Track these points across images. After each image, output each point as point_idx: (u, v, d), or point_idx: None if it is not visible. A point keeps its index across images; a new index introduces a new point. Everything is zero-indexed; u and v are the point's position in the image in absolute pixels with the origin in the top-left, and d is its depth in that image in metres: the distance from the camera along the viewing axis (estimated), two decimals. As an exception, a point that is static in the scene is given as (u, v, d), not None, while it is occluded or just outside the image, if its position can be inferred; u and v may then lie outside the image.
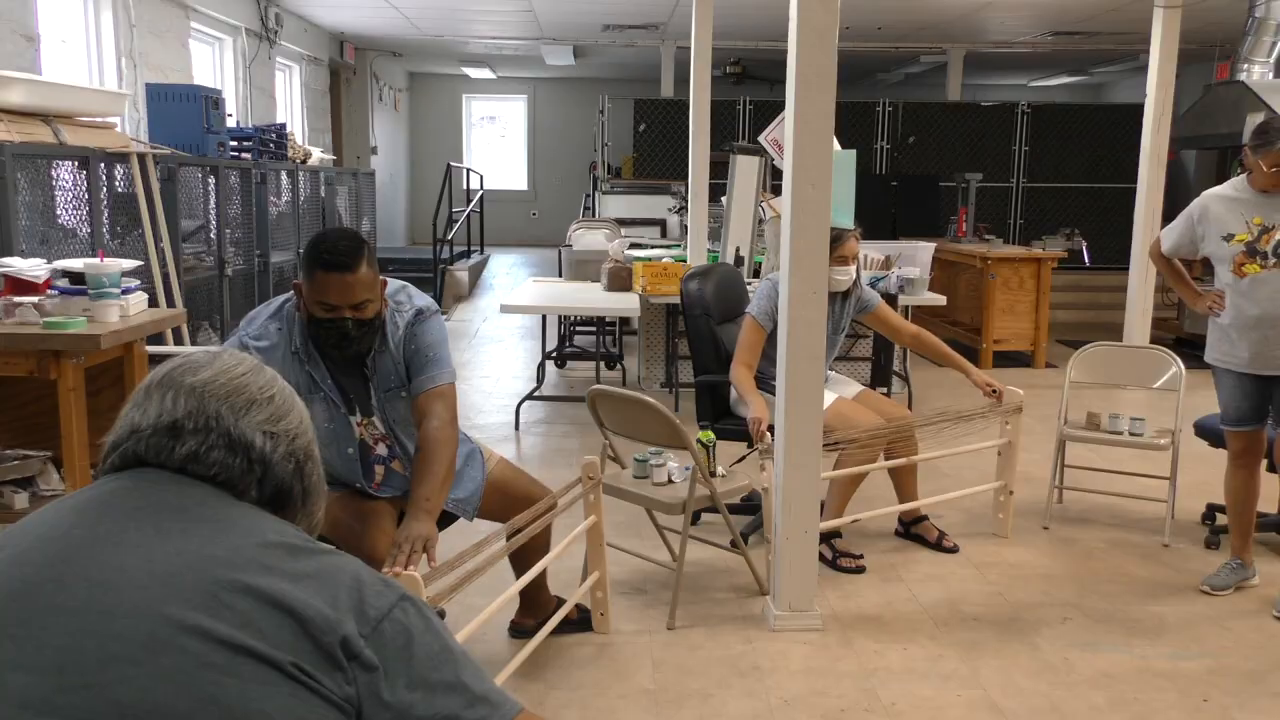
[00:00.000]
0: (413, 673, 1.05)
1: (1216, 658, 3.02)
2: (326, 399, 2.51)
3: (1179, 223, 3.59)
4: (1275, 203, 3.29)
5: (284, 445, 1.16)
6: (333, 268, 2.33)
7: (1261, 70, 8.34)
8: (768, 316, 3.65)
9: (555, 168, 16.60)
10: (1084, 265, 8.79)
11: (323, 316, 2.38)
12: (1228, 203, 3.40)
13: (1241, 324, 3.36)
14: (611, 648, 3.05)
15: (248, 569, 1.02)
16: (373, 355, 2.51)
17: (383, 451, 2.63)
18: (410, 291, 2.61)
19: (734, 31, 10.14)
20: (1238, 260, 3.34)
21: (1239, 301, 3.36)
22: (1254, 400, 3.43)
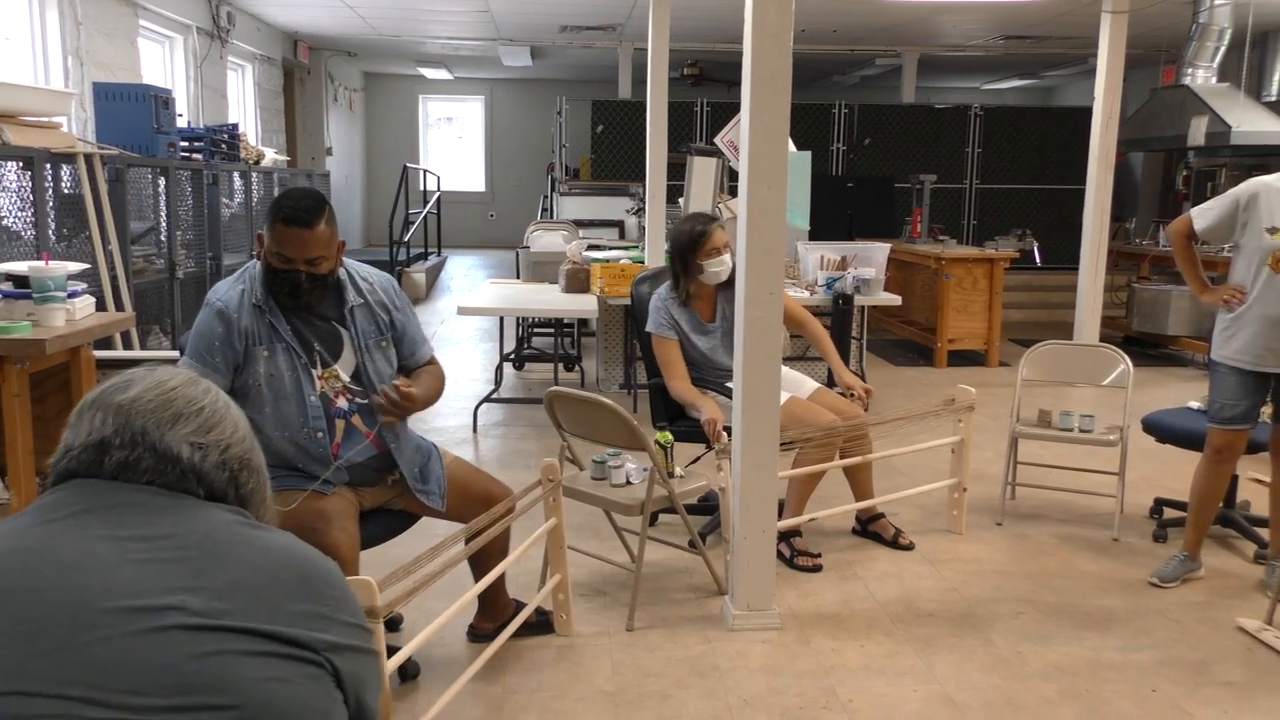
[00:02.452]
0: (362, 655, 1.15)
1: (1165, 649, 3.09)
2: (288, 349, 2.62)
3: (1220, 204, 3.47)
4: None
5: (215, 455, 1.19)
6: (293, 222, 2.51)
7: (1205, 75, 8.53)
8: (668, 327, 3.76)
9: (513, 169, 16.55)
10: (1035, 265, 8.93)
11: (279, 267, 2.54)
12: (1277, 195, 3.33)
13: (1262, 320, 3.34)
14: (571, 650, 3.04)
15: (216, 546, 1.09)
16: (350, 309, 2.68)
17: (344, 405, 2.67)
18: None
19: (691, 33, 10.17)
20: (1277, 255, 3.30)
21: (1265, 295, 3.33)
22: (1252, 400, 3.44)
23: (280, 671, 1.03)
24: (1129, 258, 9.25)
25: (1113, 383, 4.27)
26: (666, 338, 3.78)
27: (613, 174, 11.40)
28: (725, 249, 3.74)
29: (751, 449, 3.10)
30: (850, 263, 6.18)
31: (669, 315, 3.79)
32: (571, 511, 3.73)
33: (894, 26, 10.06)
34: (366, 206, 15.74)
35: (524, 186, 16.01)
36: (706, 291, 3.82)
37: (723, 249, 3.74)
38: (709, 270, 3.73)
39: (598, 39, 11.13)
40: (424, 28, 10.79)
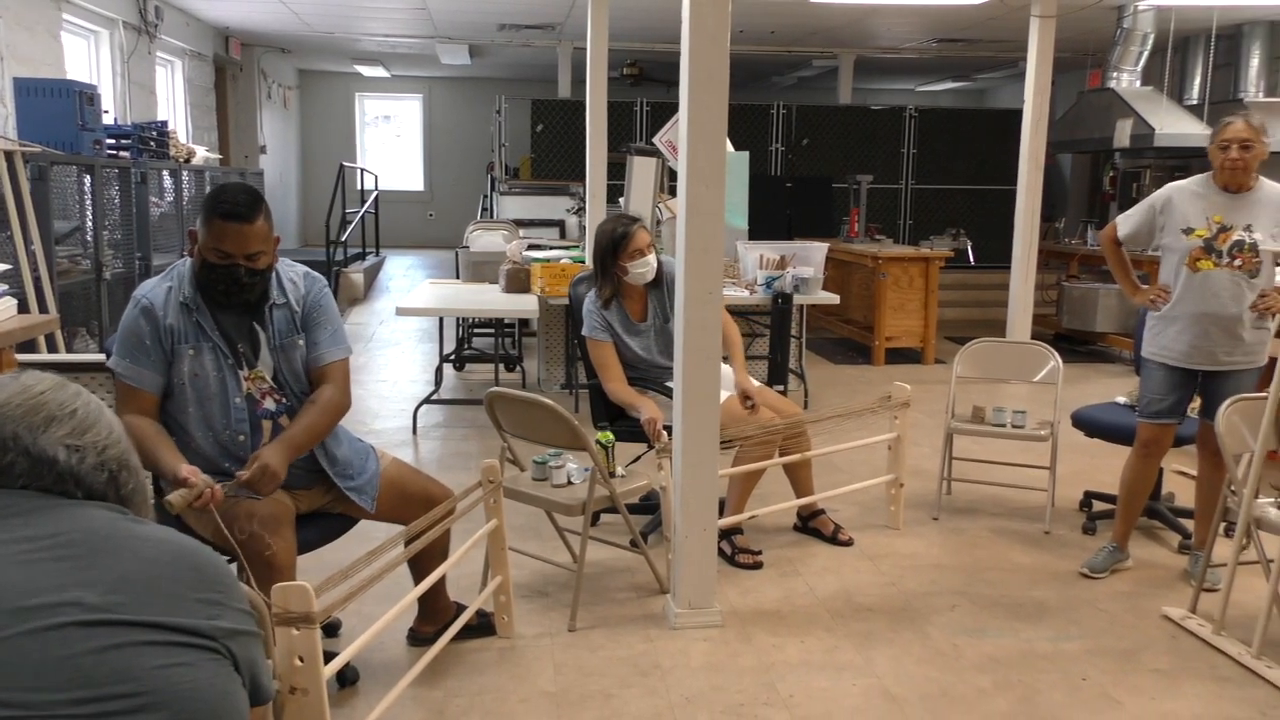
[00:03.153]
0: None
1: (1094, 638, 3.17)
2: (215, 348, 2.57)
3: (1139, 211, 3.63)
4: (1236, 204, 3.40)
5: (92, 457, 1.19)
6: (231, 217, 2.48)
7: (1129, 78, 8.78)
8: (601, 330, 3.77)
9: (452, 168, 16.40)
10: (969, 264, 9.10)
11: (217, 263, 2.50)
12: (1192, 197, 3.48)
13: (1189, 319, 3.45)
14: (513, 652, 3.03)
15: (103, 541, 1.10)
16: (270, 307, 2.62)
17: (271, 406, 2.63)
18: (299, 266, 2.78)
19: (630, 33, 10.18)
20: (1194, 255, 3.42)
21: (1186, 295, 3.45)
22: (1179, 395, 3.55)
23: (182, 658, 1.05)
24: (1059, 257, 9.47)
25: (1043, 379, 4.37)
26: (600, 340, 3.79)
27: (553, 173, 11.36)
28: (649, 250, 3.74)
29: (692, 448, 3.11)
30: (789, 262, 6.23)
31: (601, 318, 3.80)
32: (513, 512, 3.71)
33: (830, 29, 10.17)
34: (302, 206, 15.48)
35: (463, 186, 15.88)
36: (636, 292, 3.82)
37: (645, 250, 3.74)
38: (633, 272, 3.74)
39: (537, 38, 11.09)
40: (360, 25, 10.64)
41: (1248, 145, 3.32)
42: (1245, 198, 3.40)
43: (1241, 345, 3.44)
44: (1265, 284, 3.40)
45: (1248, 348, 3.45)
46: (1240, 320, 3.40)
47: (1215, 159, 3.40)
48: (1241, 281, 3.38)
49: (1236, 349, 3.44)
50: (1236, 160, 3.33)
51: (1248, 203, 3.39)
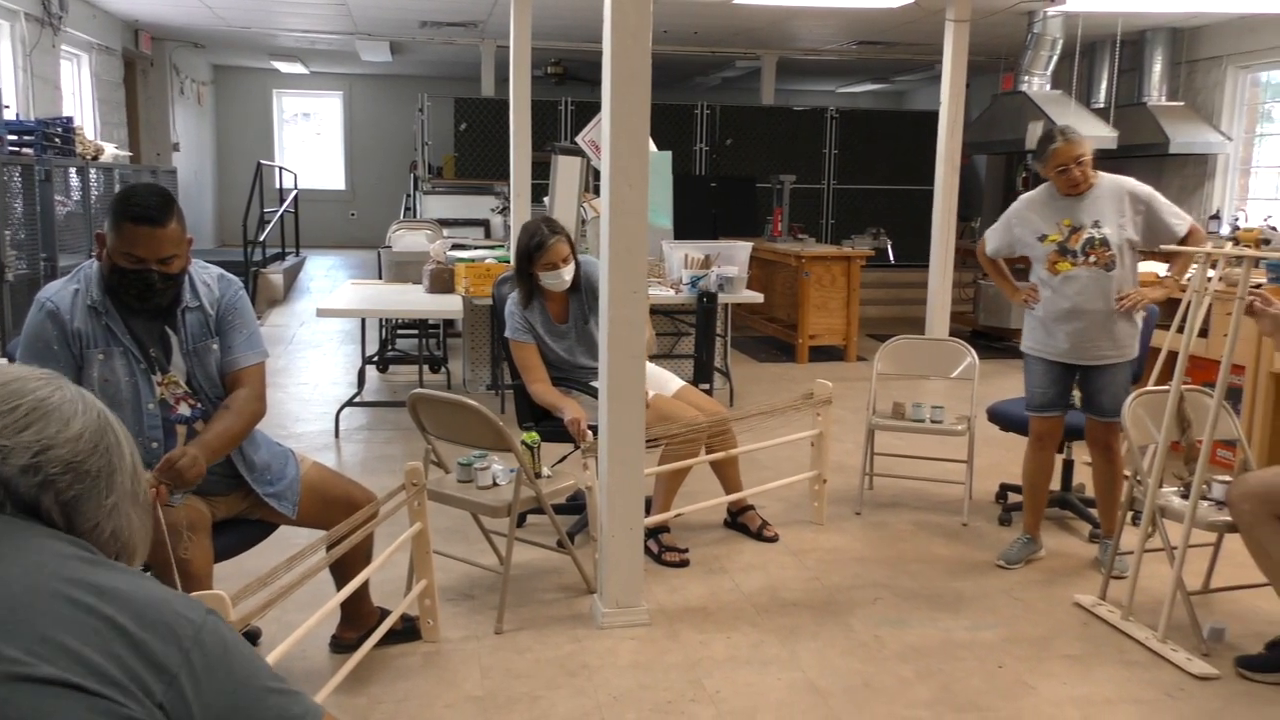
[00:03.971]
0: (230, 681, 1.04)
1: (1010, 626, 3.25)
2: (126, 353, 2.49)
3: (999, 227, 3.84)
4: (1081, 205, 3.56)
5: (21, 457, 1.07)
6: (143, 220, 2.39)
7: (1040, 82, 9.04)
8: (524, 331, 3.76)
9: (374, 167, 16.16)
10: (889, 263, 9.28)
11: (129, 268, 2.41)
12: (1040, 207, 3.66)
13: (1056, 317, 3.61)
14: (439, 656, 3.00)
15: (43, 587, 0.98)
16: (182, 310, 2.54)
17: (185, 411, 2.55)
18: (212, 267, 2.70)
19: (553, 32, 10.15)
20: (1051, 259, 3.59)
21: (1053, 296, 3.61)
22: (1060, 388, 3.69)
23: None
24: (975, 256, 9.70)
25: (960, 375, 4.48)
26: (523, 342, 3.77)
27: (477, 172, 11.27)
28: (564, 263, 3.72)
29: (617, 447, 3.12)
30: (714, 261, 6.28)
31: (523, 319, 3.78)
32: (438, 515, 3.67)
33: (752, 30, 10.27)
34: (218, 205, 15.10)
35: (386, 185, 15.65)
36: (557, 294, 3.81)
37: (560, 263, 3.71)
38: (545, 282, 3.73)
39: (459, 36, 10.98)
40: (276, 20, 10.41)
41: (1081, 160, 3.52)
42: (1088, 197, 3.57)
43: (1111, 340, 3.58)
44: (1124, 275, 3.54)
45: (1117, 342, 3.60)
46: (1107, 315, 3.55)
47: (1057, 182, 3.58)
48: (1100, 276, 3.53)
49: (1106, 344, 3.59)
50: (1078, 175, 3.53)
51: (1091, 200, 3.57)
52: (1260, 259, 4.36)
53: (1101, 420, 3.66)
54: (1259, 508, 2.87)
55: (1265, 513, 2.87)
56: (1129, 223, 3.55)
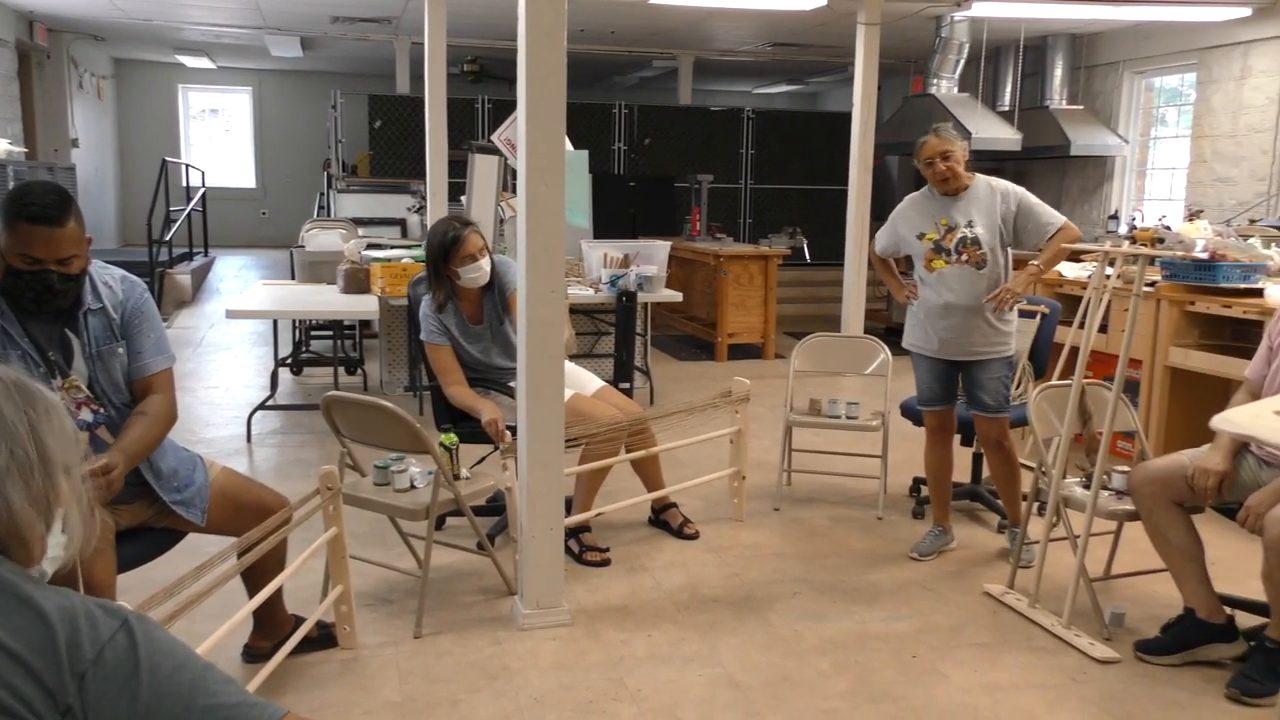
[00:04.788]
0: (138, 703, 0.96)
1: (923, 617, 3.33)
2: (24, 356, 2.39)
3: (886, 227, 3.95)
4: (957, 205, 3.69)
5: None
6: (39, 220, 2.31)
7: (948, 85, 9.28)
8: (438, 334, 3.73)
9: (286, 165, 15.79)
10: (805, 262, 9.41)
11: (25, 269, 2.33)
12: (920, 206, 3.80)
13: (932, 313, 3.74)
14: (356, 663, 2.95)
15: None
16: (84, 313, 2.46)
17: (87, 417, 2.46)
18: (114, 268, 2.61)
19: (469, 29, 10.05)
20: (927, 256, 3.72)
21: (929, 293, 3.74)
22: (944, 382, 3.82)
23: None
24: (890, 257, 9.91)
25: (874, 371, 4.57)
26: (438, 344, 3.73)
27: (393, 171, 11.10)
28: (481, 254, 3.69)
29: (536, 447, 3.10)
30: (633, 260, 6.30)
31: (437, 321, 3.74)
32: (355, 520, 3.61)
33: (669, 30, 10.32)
34: (121, 203, 14.60)
35: (298, 183, 15.31)
36: (471, 294, 3.78)
37: (478, 254, 3.68)
38: (465, 277, 3.69)
39: (373, 32, 10.80)
40: (180, 12, 10.10)
41: (947, 155, 3.64)
42: (963, 198, 3.70)
43: (985, 336, 3.71)
44: (996, 274, 3.68)
45: (991, 338, 3.72)
46: (978, 312, 3.68)
47: (927, 175, 3.72)
48: (971, 274, 3.66)
49: (979, 340, 3.71)
50: (944, 170, 3.65)
51: (966, 202, 3.70)
52: (1155, 257, 4.55)
53: (986, 416, 3.77)
54: (1159, 492, 2.99)
55: (1165, 498, 2.98)
56: (1000, 223, 3.68)
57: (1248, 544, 3.77)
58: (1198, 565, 3.02)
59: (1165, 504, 2.99)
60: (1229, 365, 4.41)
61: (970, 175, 3.71)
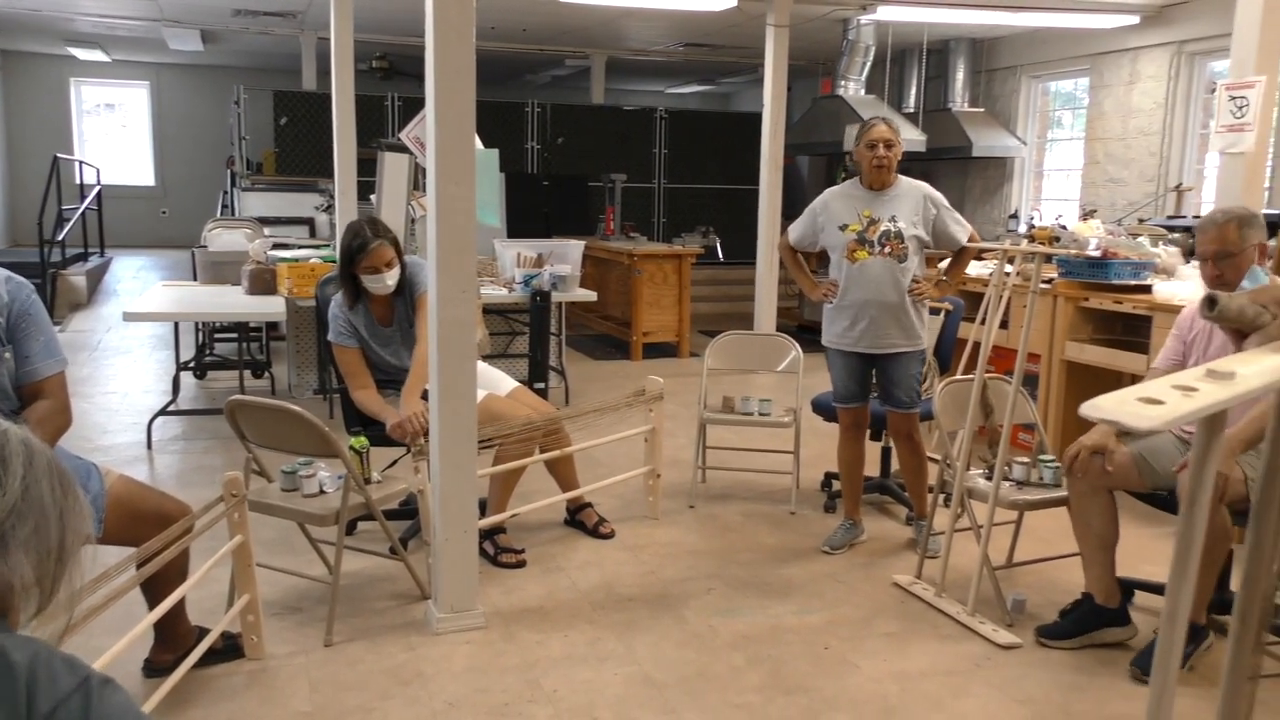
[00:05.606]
0: None
1: (835, 609, 3.40)
2: None
3: (804, 217, 4.01)
4: (880, 200, 3.78)
5: None
6: None
7: (856, 87, 9.46)
8: (347, 335, 3.67)
9: (187, 162, 15.30)
10: (719, 261, 9.51)
11: None
12: (844, 198, 3.87)
13: (853, 305, 3.80)
14: (264, 673, 2.87)
15: None
16: None
17: None
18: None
19: (377, 25, 9.88)
20: (850, 247, 3.78)
21: (850, 285, 3.80)
22: (860, 379, 3.90)
23: None
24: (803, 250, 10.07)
25: (786, 368, 4.64)
26: (346, 346, 3.67)
27: (299, 169, 10.86)
28: (387, 267, 3.61)
29: (449, 449, 3.07)
30: (547, 260, 6.27)
31: (347, 322, 3.68)
32: (262, 527, 3.53)
33: (581, 29, 10.31)
34: (9, 202, 13.96)
35: (200, 181, 14.85)
36: (381, 296, 3.72)
37: (383, 267, 3.60)
38: (367, 285, 3.63)
39: (277, 26, 10.54)
40: (71, 2, 9.70)
41: (890, 144, 3.75)
42: (888, 193, 3.81)
43: (900, 329, 3.81)
44: (913, 269, 3.79)
45: (909, 331, 3.83)
46: (899, 305, 3.78)
47: (864, 159, 3.80)
48: (894, 267, 3.76)
49: (896, 333, 3.81)
50: (883, 157, 3.75)
51: (890, 198, 3.80)
52: (1051, 255, 4.71)
53: (898, 411, 3.88)
54: (1097, 480, 3.06)
55: (1101, 485, 3.07)
56: (921, 222, 3.79)
57: (1149, 529, 3.94)
58: (1108, 554, 3.13)
59: (1101, 490, 3.07)
60: (1120, 358, 4.60)
61: (895, 175, 3.82)
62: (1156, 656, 1.27)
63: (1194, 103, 8.07)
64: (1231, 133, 4.04)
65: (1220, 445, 1.06)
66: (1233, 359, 1.07)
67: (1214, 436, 1.20)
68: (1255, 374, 1.03)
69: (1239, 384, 1.01)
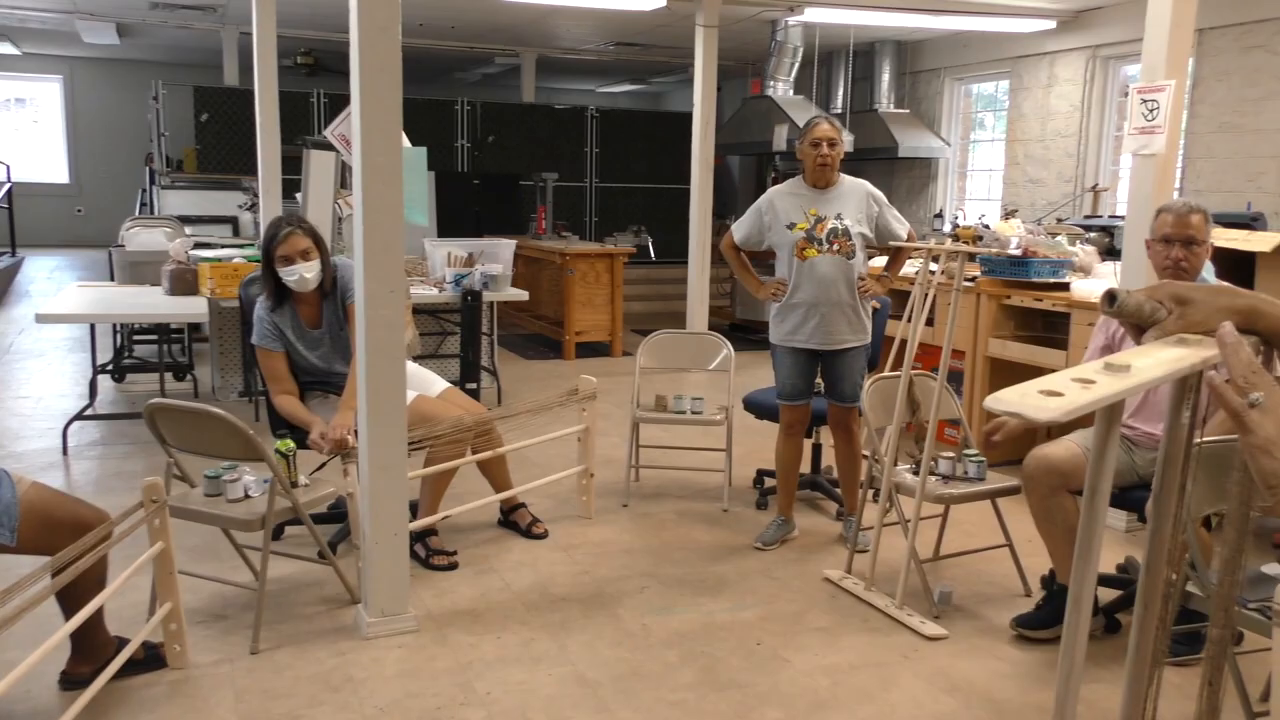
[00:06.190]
0: None
1: (767, 605, 3.43)
2: None
3: (749, 216, 4.02)
4: (825, 198, 3.84)
5: None
6: None
7: (784, 87, 9.56)
8: (272, 338, 3.61)
9: (103, 159, 14.85)
10: (651, 260, 9.53)
11: None
12: (789, 197, 3.90)
13: (803, 303, 3.84)
14: (188, 683, 2.80)
15: None
16: None
17: None
18: None
19: (302, 20, 9.70)
20: (799, 245, 3.82)
21: (801, 283, 3.83)
22: (807, 376, 3.94)
23: None
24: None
25: (718, 366, 4.67)
26: (270, 349, 3.59)
27: (222, 167, 10.61)
28: (302, 257, 3.53)
29: (378, 451, 3.03)
30: (477, 259, 6.22)
31: (272, 324, 3.60)
32: (187, 533, 3.45)
33: (511, 27, 10.25)
34: (-86, 199, 13.40)
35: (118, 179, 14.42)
36: (309, 296, 3.65)
37: (297, 256, 3.52)
38: (285, 278, 3.56)
39: (196, 19, 10.27)
40: (-20, -7, 9.35)
41: (833, 143, 3.81)
42: (832, 192, 3.87)
43: (848, 324, 3.88)
44: (858, 265, 3.87)
45: (856, 326, 3.91)
46: (851, 301, 3.85)
47: (808, 157, 3.86)
48: (842, 264, 3.83)
49: (845, 328, 3.88)
50: (827, 156, 3.81)
51: (834, 196, 3.87)
52: (974, 254, 4.82)
53: (842, 405, 3.93)
54: (1056, 481, 3.10)
55: (1059, 486, 3.12)
56: (865, 219, 3.86)
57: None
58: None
59: (1060, 491, 3.10)
60: (1040, 354, 4.72)
61: (839, 174, 3.87)
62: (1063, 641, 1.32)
63: (1108, 106, 8.33)
64: (1143, 135, 4.17)
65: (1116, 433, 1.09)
66: (1129, 353, 1.11)
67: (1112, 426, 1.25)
68: (1150, 366, 1.07)
69: (1134, 376, 1.05)
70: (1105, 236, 5.99)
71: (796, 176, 3.96)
